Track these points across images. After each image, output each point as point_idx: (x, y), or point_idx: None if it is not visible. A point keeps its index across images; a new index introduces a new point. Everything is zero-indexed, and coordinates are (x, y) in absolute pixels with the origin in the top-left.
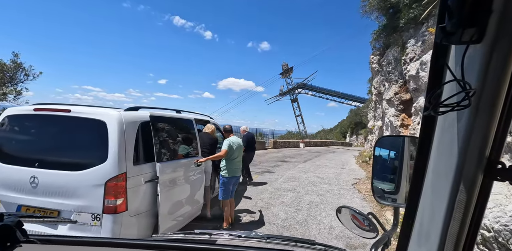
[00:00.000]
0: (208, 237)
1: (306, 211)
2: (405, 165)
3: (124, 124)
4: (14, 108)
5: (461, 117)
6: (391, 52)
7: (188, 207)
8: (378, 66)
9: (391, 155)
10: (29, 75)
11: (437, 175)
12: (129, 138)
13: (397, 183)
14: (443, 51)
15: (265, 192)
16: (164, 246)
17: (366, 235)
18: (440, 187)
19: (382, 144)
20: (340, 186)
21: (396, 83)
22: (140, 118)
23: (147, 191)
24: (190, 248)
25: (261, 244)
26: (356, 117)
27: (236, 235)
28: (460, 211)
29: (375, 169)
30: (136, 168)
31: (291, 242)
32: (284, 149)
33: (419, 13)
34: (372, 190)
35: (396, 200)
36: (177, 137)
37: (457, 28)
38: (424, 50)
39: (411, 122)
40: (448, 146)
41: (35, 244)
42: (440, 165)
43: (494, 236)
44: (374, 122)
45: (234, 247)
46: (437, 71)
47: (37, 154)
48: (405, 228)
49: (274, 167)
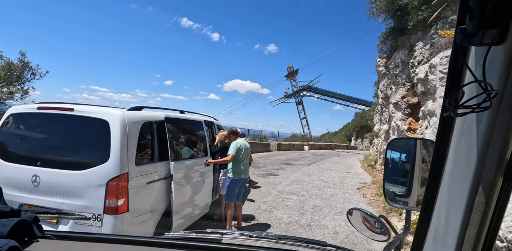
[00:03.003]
0: (220, 236)
1: (310, 215)
2: (417, 168)
3: (127, 124)
4: (18, 107)
5: (481, 119)
6: (399, 55)
7: (198, 205)
8: (385, 69)
9: (403, 158)
10: (36, 74)
11: (454, 177)
12: (132, 137)
13: (408, 186)
14: (463, 52)
15: (269, 195)
16: (177, 245)
17: (377, 237)
18: (457, 190)
19: (394, 146)
20: (345, 190)
21: (404, 87)
22: (143, 118)
23: (159, 189)
24: (202, 247)
25: (272, 244)
26: (361, 121)
27: (247, 235)
28: (479, 214)
29: (387, 171)
30: (139, 169)
31: (303, 243)
32: (288, 151)
33: (428, 15)
34: (384, 192)
35: (408, 203)
36: (188, 137)
37: (478, 30)
38: (432, 53)
39: (418, 126)
40: (467, 148)
41: (51, 240)
42: (458, 167)
43: (507, 247)
44: (380, 126)
45: (246, 247)
46: (456, 72)
47: (40, 152)
48: (419, 232)
49: (278, 169)
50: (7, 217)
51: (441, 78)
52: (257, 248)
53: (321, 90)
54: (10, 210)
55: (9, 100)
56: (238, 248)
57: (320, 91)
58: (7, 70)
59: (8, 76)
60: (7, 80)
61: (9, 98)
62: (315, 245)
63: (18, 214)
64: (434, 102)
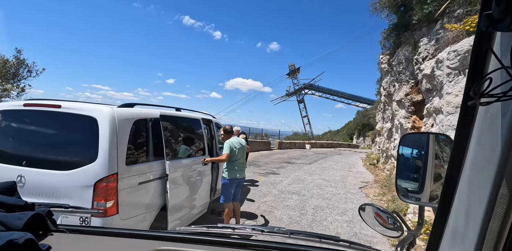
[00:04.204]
0: (231, 231)
1: (311, 216)
2: (429, 163)
3: (116, 122)
4: (3, 104)
5: (508, 109)
6: (402, 51)
7: (195, 205)
8: (387, 67)
9: (414, 153)
10: (32, 71)
11: (475, 169)
12: (122, 136)
13: (421, 182)
14: (487, 39)
15: (269, 194)
16: (188, 239)
17: (390, 233)
18: (479, 183)
19: (406, 141)
20: (346, 190)
21: (407, 84)
22: (135, 116)
23: (154, 189)
24: (214, 241)
25: (284, 239)
26: (363, 119)
27: (259, 230)
28: (503, 206)
29: (399, 167)
30: (130, 168)
31: (315, 238)
32: (289, 150)
33: (434, 9)
34: (396, 188)
35: (420, 199)
36: (185, 135)
37: (505, 15)
38: (438, 48)
39: (422, 124)
40: (490, 139)
41: (64, 233)
42: (480, 159)
43: None
44: (383, 124)
45: (257, 242)
46: (480, 60)
47: (25, 151)
48: (436, 227)
49: (279, 168)
50: (22, 211)
51: (449, 74)
52: (269, 242)
53: (322, 88)
54: (24, 203)
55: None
56: (250, 243)
57: (322, 90)
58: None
59: (3, 73)
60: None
61: (5, 96)
62: (328, 240)
63: (32, 208)
64: (440, 99)
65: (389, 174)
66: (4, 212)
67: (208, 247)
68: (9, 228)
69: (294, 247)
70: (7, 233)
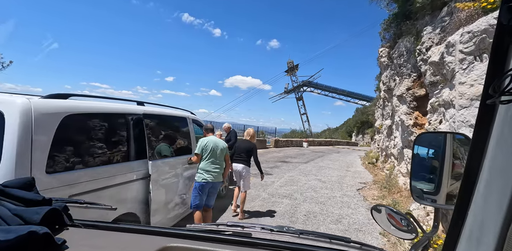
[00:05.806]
0: (241, 229)
1: (301, 224)
2: (446, 164)
3: (33, 117)
4: None
5: None
6: (403, 42)
7: (178, 205)
8: (387, 60)
9: (430, 154)
10: None
11: (494, 170)
12: (43, 135)
13: (437, 183)
14: (509, 33)
15: (257, 198)
16: (198, 236)
17: (403, 235)
18: (499, 184)
19: (421, 141)
20: (343, 192)
21: (409, 78)
22: (67, 109)
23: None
24: (223, 239)
25: (294, 239)
26: (362, 116)
27: (268, 229)
28: None
29: (414, 167)
30: (52, 178)
31: (326, 238)
32: (286, 148)
33: None
34: (411, 189)
35: (436, 201)
36: (169, 134)
37: None
38: (444, 37)
39: (426, 121)
40: (511, 141)
41: (79, 228)
42: (499, 159)
43: None
44: (382, 121)
45: (267, 241)
46: (500, 55)
47: None
48: (452, 230)
49: (272, 168)
50: (39, 206)
51: (462, 60)
52: (279, 242)
53: (321, 85)
54: (42, 198)
55: None
56: (260, 242)
57: (321, 87)
58: None
59: None
60: None
61: None
62: (339, 241)
63: (49, 203)
64: (451, 91)
65: (389, 174)
66: (23, 206)
67: (217, 245)
68: (27, 222)
69: (304, 247)
70: (26, 227)
